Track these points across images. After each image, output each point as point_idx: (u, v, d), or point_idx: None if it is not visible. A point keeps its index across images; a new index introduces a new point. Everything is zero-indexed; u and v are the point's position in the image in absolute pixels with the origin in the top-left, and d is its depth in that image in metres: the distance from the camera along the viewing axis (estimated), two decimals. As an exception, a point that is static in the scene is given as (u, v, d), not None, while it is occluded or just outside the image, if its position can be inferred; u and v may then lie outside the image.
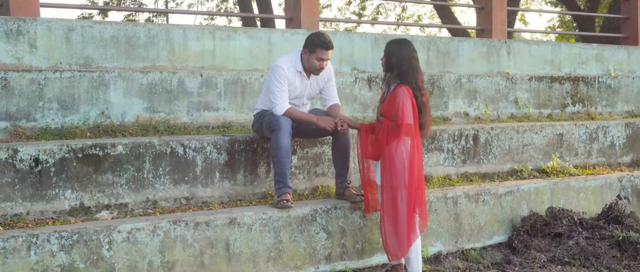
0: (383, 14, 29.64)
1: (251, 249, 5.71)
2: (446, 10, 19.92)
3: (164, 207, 5.97)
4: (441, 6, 19.39)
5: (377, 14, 28.87)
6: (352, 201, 6.19)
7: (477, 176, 7.59)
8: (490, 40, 10.02)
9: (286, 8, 9.35)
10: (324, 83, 6.41)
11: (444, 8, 19.69)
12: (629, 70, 11.24)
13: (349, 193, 6.27)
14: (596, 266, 6.57)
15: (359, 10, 27.71)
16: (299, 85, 6.27)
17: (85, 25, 7.26)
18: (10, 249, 4.82)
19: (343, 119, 6.09)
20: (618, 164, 8.71)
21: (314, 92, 6.42)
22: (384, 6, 30.19)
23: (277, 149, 5.99)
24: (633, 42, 12.30)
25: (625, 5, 12.71)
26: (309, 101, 6.50)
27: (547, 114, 9.27)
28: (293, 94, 6.25)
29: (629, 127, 8.85)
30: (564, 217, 7.16)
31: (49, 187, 5.55)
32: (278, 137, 5.98)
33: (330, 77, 6.45)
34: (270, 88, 6.15)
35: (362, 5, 27.95)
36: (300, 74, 6.25)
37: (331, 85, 6.46)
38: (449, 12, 20.11)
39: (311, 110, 6.47)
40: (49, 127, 6.35)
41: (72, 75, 6.50)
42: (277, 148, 5.98)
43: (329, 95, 6.44)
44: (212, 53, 7.86)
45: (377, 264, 6.31)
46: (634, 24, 12.49)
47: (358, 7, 28.04)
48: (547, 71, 10.34)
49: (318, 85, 6.40)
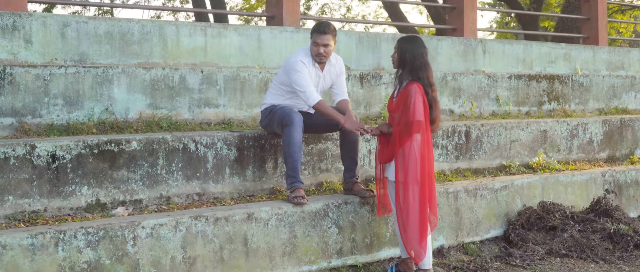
0: (327, 13, 29.87)
1: (268, 244, 5.73)
2: (396, 9, 20.10)
3: (177, 203, 5.95)
4: (391, 5, 19.58)
5: (322, 14, 29.06)
6: (362, 196, 6.26)
7: (469, 171, 7.75)
8: (467, 39, 10.21)
9: (268, 6, 9.37)
10: (335, 77, 6.44)
11: (393, 7, 19.87)
12: (594, 69, 11.59)
13: (358, 188, 6.34)
14: (592, 258, 6.78)
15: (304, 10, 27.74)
16: (314, 77, 6.28)
17: (80, 21, 7.17)
18: (39, 245, 4.76)
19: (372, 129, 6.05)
20: (596, 160, 8.98)
21: (327, 85, 6.44)
22: (328, 6, 30.40)
23: (289, 144, 6.02)
24: (593, 42, 12.68)
25: (586, 5, 13.09)
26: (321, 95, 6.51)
27: (525, 111, 9.50)
28: None
29: (606, 124, 9.14)
30: (555, 211, 7.36)
31: (66, 183, 5.49)
32: (291, 132, 6.01)
33: (341, 72, 6.49)
34: (296, 80, 6.11)
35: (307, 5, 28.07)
36: (314, 66, 6.28)
37: (341, 81, 6.49)
38: (399, 12, 20.30)
39: None
40: (55, 123, 6.26)
41: (76, 70, 6.42)
42: (290, 143, 6.02)
43: (339, 89, 6.47)
44: (203, 50, 7.84)
45: (386, 258, 6.40)
46: (594, 24, 12.87)
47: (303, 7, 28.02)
48: (519, 70, 10.59)
49: (331, 79, 6.42)
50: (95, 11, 22.20)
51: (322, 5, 29.75)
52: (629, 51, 12.46)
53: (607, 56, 11.87)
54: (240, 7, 25.37)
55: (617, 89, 10.65)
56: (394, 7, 19.79)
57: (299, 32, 8.57)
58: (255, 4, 26.30)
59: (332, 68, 6.40)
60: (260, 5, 26.86)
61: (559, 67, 11.12)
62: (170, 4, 26.75)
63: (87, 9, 22.18)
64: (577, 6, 15.57)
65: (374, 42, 9.15)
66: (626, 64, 12.11)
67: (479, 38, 10.53)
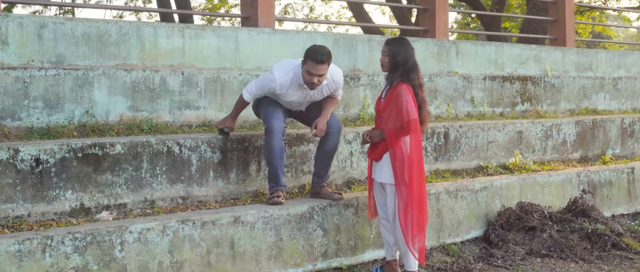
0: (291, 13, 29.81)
1: (254, 247, 5.71)
2: (361, 9, 20.15)
3: (161, 207, 5.90)
4: (356, 6, 19.63)
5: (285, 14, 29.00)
6: (331, 198, 6.23)
7: (448, 172, 7.80)
8: (440, 40, 10.27)
9: (243, 6, 9.31)
10: (330, 92, 6.28)
11: (358, 8, 19.93)
12: (564, 70, 11.72)
13: (325, 192, 6.31)
14: (572, 258, 6.87)
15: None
16: (296, 95, 6.14)
17: (58, 22, 7.05)
18: (26, 251, 4.69)
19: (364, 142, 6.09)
20: (569, 160, 9.09)
21: (318, 97, 6.27)
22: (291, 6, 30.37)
23: (269, 152, 6.06)
24: (561, 43, 12.82)
25: (553, 7, 13.24)
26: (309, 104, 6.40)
27: (499, 112, 9.58)
28: (289, 99, 6.18)
29: (579, 124, 9.25)
30: (534, 211, 7.43)
31: (50, 188, 5.40)
32: (270, 140, 6.03)
33: (338, 86, 6.30)
34: (253, 82, 6.20)
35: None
36: (301, 87, 6.07)
37: (338, 93, 6.37)
38: (364, 12, 20.35)
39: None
40: (35, 126, 6.16)
41: (57, 73, 6.32)
42: (269, 152, 6.06)
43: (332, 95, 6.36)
44: (181, 51, 7.76)
45: (370, 260, 6.42)
46: (562, 25, 13.02)
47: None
48: (491, 71, 10.67)
49: (323, 94, 6.25)
50: (56, 11, 21.92)
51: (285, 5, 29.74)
52: (596, 52, 12.63)
53: (576, 57, 12.02)
54: (203, 7, 25.23)
55: (587, 90, 10.80)
56: (359, 8, 19.82)
57: (276, 33, 8.54)
58: (218, 4, 26.18)
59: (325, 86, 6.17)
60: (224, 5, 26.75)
61: (529, 68, 11.22)
62: (133, 3, 26.51)
63: (49, 9, 21.91)
64: (542, 7, 15.74)
65: (350, 43, 9.15)
66: (594, 65, 12.28)
67: (451, 39, 10.57)
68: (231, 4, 28.11)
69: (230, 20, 24.59)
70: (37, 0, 13.80)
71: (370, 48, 9.29)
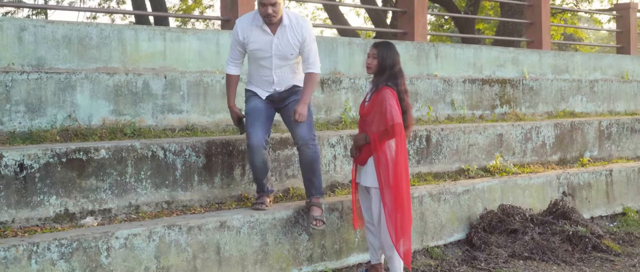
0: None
1: (240, 252, 5.69)
2: (336, 11, 20.14)
3: (146, 211, 5.86)
4: (331, 8, 19.62)
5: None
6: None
7: (430, 175, 7.83)
8: (420, 43, 10.30)
9: (223, 9, 9.28)
10: (298, 42, 5.91)
11: (334, 10, 19.92)
12: (541, 73, 11.82)
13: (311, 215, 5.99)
14: (554, 260, 6.92)
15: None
16: (260, 40, 5.89)
17: (38, 25, 6.97)
18: (12, 258, 4.63)
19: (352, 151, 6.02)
20: (548, 162, 9.17)
21: (286, 51, 5.92)
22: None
23: (251, 166, 6.06)
24: (537, 46, 12.94)
25: (529, 10, 13.35)
26: (285, 62, 5.99)
27: (479, 114, 9.64)
28: (254, 47, 5.92)
29: (557, 127, 9.34)
30: (515, 214, 7.48)
31: (34, 193, 5.35)
32: (250, 157, 5.93)
33: (305, 36, 5.92)
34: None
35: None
36: (261, 29, 5.87)
37: (307, 48, 5.95)
38: (340, 14, 20.35)
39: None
40: (17, 130, 6.09)
41: (39, 76, 6.25)
42: (251, 167, 6.05)
43: (305, 60, 5.99)
44: (162, 54, 7.72)
45: (354, 264, 6.43)
46: (538, 28, 13.14)
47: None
48: (470, 73, 10.73)
49: (290, 44, 5.90)
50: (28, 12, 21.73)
51: (258, 7, 29.58)
52: (572, 55, 12.75)
53: (553, 60, 12.12)
54: (178, 9, 25.11)
55: (564, 92, 10.89)
56: (334, 9, 19.80)
57: (258, 36, 8.51)
58: (192, 5, 26.07)
59: (289, 31, 5.89)
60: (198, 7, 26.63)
61: (507, 70, 11.30)
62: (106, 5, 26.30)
63: (21, 10, 21.71)
64: (517, 10, 15.84)
65: (330, 46, 9.14)
66: (570, 68, 12.39)
67: (431, 42, 10.62)
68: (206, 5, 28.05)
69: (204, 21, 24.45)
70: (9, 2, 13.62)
71: (351, 51, 9.29)
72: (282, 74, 6.03)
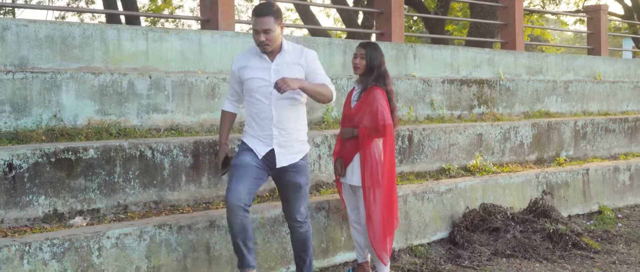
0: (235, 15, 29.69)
1: (229, 251, 5.69)
2: (307, 12, 20.15)
3: (134, 211, 5.85)
4: (303, 8, 19.64)
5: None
6: None
7: (412, 174, 7.90)
8: (398, 44, 10.37)
9: (202, 9, 9.27)
10: (299, 67, 5.29)
11: (305, 10, 19.93)
12: (516, 74, 11.97)
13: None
14: (536, 258, 7.01)
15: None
16: (257, 67, 5.29)
17: (20, 24, 6.92)
18: (4, 259, 4.60)
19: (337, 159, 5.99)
20: (526, 162, 9.29)
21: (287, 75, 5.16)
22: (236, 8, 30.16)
23: (229, 228, 5.25)
24: (511, 47, 13.09)
25: (504, 12, 13.50)
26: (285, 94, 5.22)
27: (457, 115, 9.73)
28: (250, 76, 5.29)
29: (535, 127, 9.47)
30: (497, 212, 7.58)
31: (23, 193, 5.31)
32: (227, 217, 5.20)
33: (309, 60, 5.33)
34: None
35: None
36: (259, 57, 5.30)
37: (314, 74, 5.34)
38: (311, 14, 20.37)
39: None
40: (2, 130, 6.04)
41: (24, 76, 6.21)
42: (229, 228, 5.25)
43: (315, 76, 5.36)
44: (145, 54, 7.70)
45: (341, 262, 6.47)
46: (512, 29, 13.29)
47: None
48: (447, 74, 10.82)
49: (291, 67, 5.25)
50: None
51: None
52: (546, 56, 12.93)
53: (527, 61, 12.27)
54: (147, 8, 24.99)
55: (540, 93, 11.04)
56: (306, 10, 19.81)
57: (239, 36, 8.53)
58: (162, 5, 25.96)
59: (288, 56, 5.28)
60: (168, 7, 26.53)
61: (483, 71, 11.42)
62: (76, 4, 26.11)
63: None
64: (489, 11, 15.98)
65: (310, 47, 9.13)
66: (544, 69, 12.56)
67: (409, 43, 10.71)
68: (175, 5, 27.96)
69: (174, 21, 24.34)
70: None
71: (331, 51, 9.34)
72: (282, 110, 5.27)
